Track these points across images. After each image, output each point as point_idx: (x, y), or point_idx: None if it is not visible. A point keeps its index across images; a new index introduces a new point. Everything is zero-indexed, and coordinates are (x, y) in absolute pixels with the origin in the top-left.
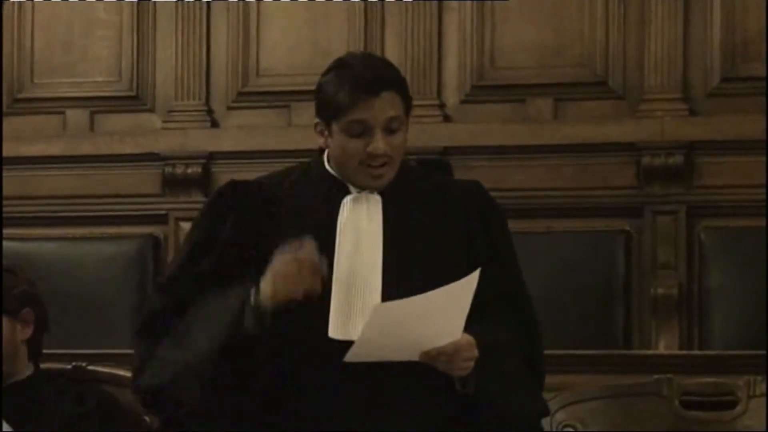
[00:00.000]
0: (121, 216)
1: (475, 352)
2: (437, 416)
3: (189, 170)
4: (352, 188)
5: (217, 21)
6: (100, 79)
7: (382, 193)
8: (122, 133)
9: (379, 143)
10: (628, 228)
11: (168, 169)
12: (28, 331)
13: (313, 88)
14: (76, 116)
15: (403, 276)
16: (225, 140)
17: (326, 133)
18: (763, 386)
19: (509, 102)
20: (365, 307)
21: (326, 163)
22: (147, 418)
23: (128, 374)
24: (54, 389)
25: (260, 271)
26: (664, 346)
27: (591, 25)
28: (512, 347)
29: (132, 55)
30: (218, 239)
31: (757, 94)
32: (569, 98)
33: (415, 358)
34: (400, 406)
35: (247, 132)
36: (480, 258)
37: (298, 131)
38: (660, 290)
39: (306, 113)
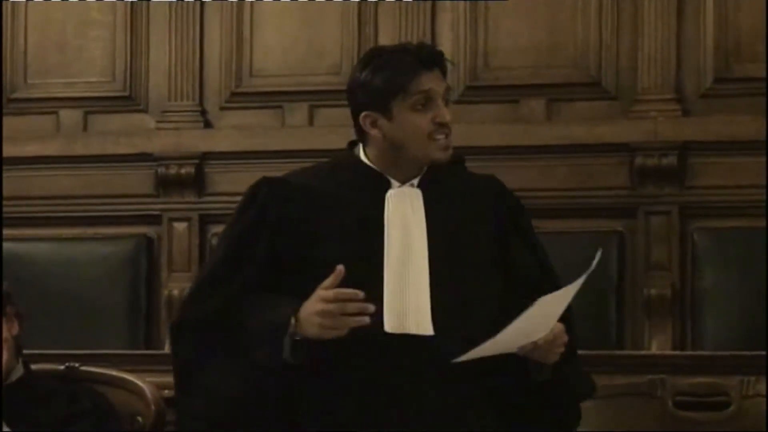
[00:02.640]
0: (114, 216)
1: (566, 338)
2: (497, 410)
3: (182, 170)
4: (393, 181)
5: (211, 21)
6: (93, 79)
7: (421, 187)
8: (116, 134)
9: (445, 112)
10: (621, 228)
11: (161, 170)
12: (15, 327)
13: (306, 88)
14: (70, 116)
15: (448, 269)
16: (218, 141)
17: (381, 121)
18: (757, 386)
19: (503, 102)
20: (418, 300)
21: (363, 157)
22: (140, 419)
23: (121, 374)
24: (46, 389)
25: (308, 271)
26: (657, 346)
27: (584, 26)
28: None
29: (126, 55)
30: (258, 241)
31: (750, 95)
32: (562, 99)
33: (513, 350)
34: (456, 399)
35: (241, 132)
36: (513, 249)
37: (292, 131)
38: (653, 291)
39: (299, 114)
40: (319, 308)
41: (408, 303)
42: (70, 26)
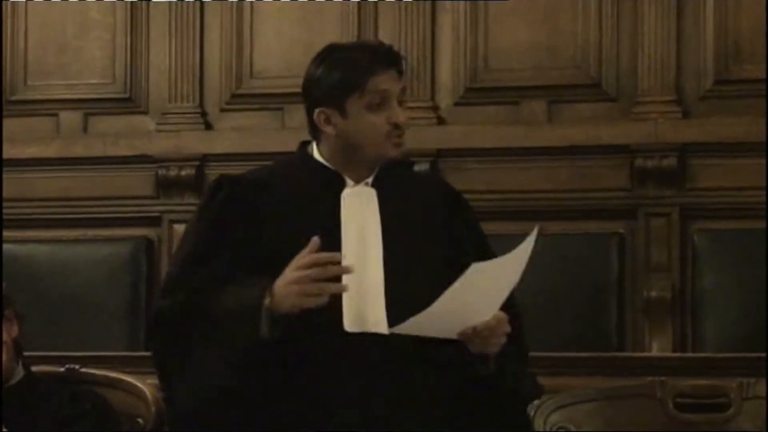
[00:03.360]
0: (114, 218)
1: (509, 328)
2: (452, 404)
3: (183, 172)
4: (348, 180)
5: (211, 23)
6: (93, 81)
7: (375, 186)
8: (116, 135)
9: (400, 113)
10: (621, 230)
11: (162, 171)
12: (15, 329)
13: None
14: (70, 118)
15: (403, 267)
16: (219, 142)
17: (335, 118)
18: (757, 388)
19: (503, 104)
20: (374, 299)
21: (317, 155)
22: (140, 420)
23: (121, 376)
24: (47, 391)
25: (265, 269)
26: (658, 348)
27: (584, 28)
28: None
29: (126, 56)
30: (221, 236)
31: (750, 96)
32: (563, 100)
33: (452, 335)
34: (413, 394)
35: (241, 134)
36: (463, 245)
37: (292, 133)
38: (653, 292)
39: (300, 115)
40: (296, 276)
41: (366, 302)
42: (69, 27)
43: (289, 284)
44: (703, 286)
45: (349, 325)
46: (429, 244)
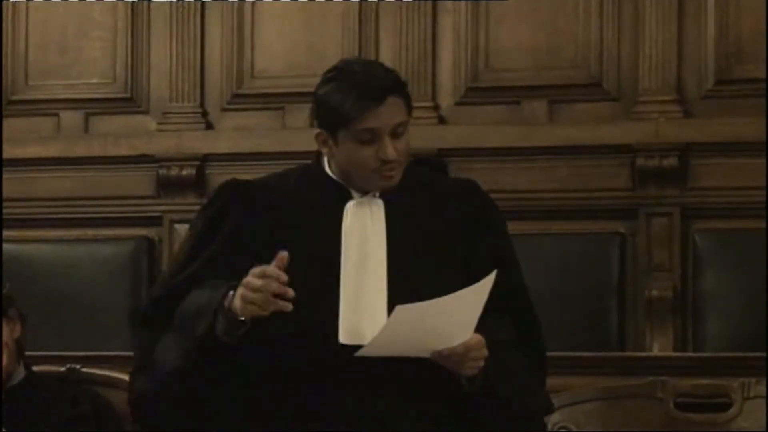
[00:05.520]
0: (115, 218)
1: (485, 352)
2: (445, 416)
3: (183, 172)
4: (354, 192)
5: (212, 23)
6: (94, 80)
7: (383, 197)
8: (117, 135)
9: (389, 149)
10: (622, 230)
11: (162, 171)
12: (18, 330)
13: (308, 89)
14: (71, 118)
15: (407, 281)
16: (219, 142)
17: (330, 142)
18: (758, 388)
19: (504, 104)
20: (373, 312)
21: (326, 167)
22: None
23: (122, 376)
24: (48, 392)
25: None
26: (659, 348)
27: (585, 27)
28: (515, 346)
29: (126, 56)
30: (217, 238)
31: (751, 96)
32: (564, 100)
33: (426, 355)
34: (408, 406)
35: (242, 134)
36: (481, 260)
37: (293, 133)
38: (654, 292)
39: (300, 115)
40: (246, 281)
41: (363, 314)
42: (70, 28)
43: (242, 289)
44: (704, 286)
45: (344, 337)
46: (438, 257)
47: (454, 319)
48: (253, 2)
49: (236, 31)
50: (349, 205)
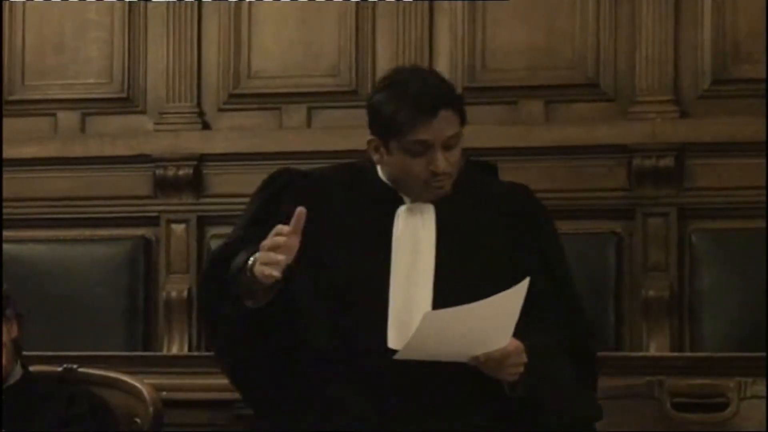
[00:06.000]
0: (112, 218)
1: (524, 358)
2: (490, 420)
3: (180, 172)
4: (405, 198)
5: (209, 23)
6: (91, 80)
7: (434, 203)
8: (114, 135)
9: (440, 162)
10: (619, 230)
11: (159, 171)
12: (15, 329)
13: (304, 90)
14: (68, 118)
15: (454, 287)
16: (216, 142)
17: (382, 150)
18: (755, 388)
19: (501, 104)
20: (420, 318)
21: (379, 171)
22: (137, 420)
23: (119, 376)
24: (45, 392)
25: (303, 272)
26: (656, 348)
27: (582, 27)
28: (562, 353)
29: (123, 56)
30: (270, 220)
31: (748, 96)
32: (560, 100)
33: (464, 360)
34: (453, 409)
35: (239, 134)
36: (530, 266)
37: (290, 133)
38: (651, 292)
39: (297, 115)
40: (262, 243)
41: (412, 319)
42: (67, 27)
43: (260, 252)
44: (700, 286)
45: (393, 342)
46: (487, 261)
47: (487, 324)
48: (250, 2)
49: (233, 31)
50: (401, 210)
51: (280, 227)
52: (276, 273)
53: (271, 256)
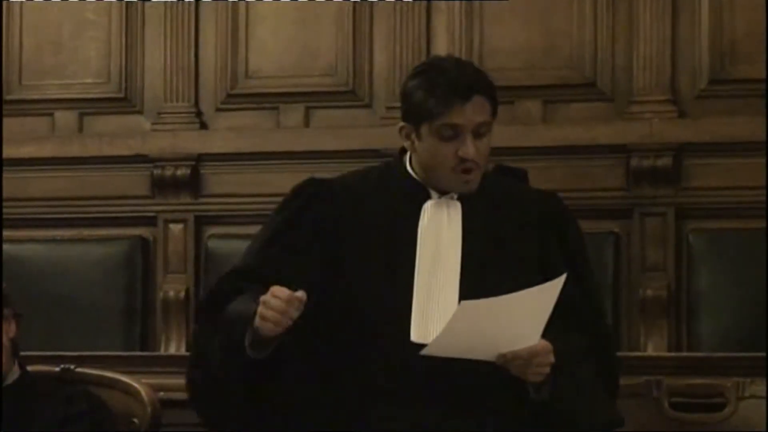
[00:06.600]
0: (110, 218)
1: (552, 359)
2: (513, 420)
3: (178, 172)
4: (433, 192)
5: (206, 23)
6: (88, 80)
7: (461, 199)
8: (111, 135)
9: (470, 147)
10: (616, 229)
11: (157, 171)
12: (13, 329)
13: (302, 89)
14: (65, 118)
15: (480, 284)
16: (214, 142)
17: (413, 136)
18: (753, 388)
19: (498, 103)
20: (443, 312)
21: (408, 166)
22: (135, 420)
23: (116, 376)
24: (42, 392)
25: (336, 276)
26: (653, 347)
27: (579, 27)
28: (586, 357)
29: (121, 56)
30: (296, 231)
31: (745, 96)
32: (558, 100)
33: (492, 358)
34: (475, 408)
35: (236, 134)
36: (558, 270)
37: (287, 133)
38: (649, 292)
39: (295, 115)
40: (263, 298)
41: (435, 314)
42: (65, 27)
43: (261, 306)
44: (698, 286)
45: (416, 336)
46: (512, 261)
47: (519, 319)
48: (247, 2)
49: (231, 31)
50: (427, 205)
51: (278, 290)
52: (277, 329)
53: (269, 315)
